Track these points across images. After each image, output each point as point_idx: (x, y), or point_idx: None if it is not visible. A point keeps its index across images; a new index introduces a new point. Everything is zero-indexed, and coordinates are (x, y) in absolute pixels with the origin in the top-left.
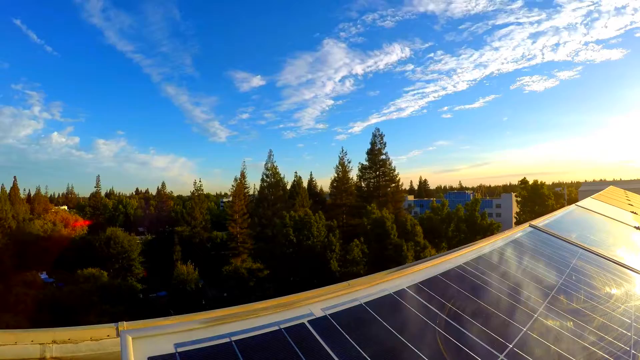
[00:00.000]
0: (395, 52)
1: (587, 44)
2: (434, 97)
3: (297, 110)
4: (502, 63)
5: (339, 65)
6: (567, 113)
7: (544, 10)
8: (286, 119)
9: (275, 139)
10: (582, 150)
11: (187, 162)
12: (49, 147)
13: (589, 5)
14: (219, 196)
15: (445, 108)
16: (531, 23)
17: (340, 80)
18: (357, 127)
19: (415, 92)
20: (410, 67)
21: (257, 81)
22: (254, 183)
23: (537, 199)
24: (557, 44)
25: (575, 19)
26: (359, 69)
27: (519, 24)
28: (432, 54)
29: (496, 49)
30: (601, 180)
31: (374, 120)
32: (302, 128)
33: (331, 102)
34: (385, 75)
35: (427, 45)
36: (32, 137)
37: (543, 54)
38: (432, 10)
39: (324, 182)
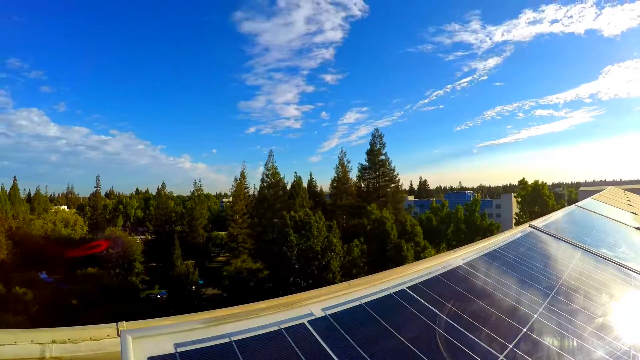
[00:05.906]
0: None
1: None
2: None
3: None
4: None
5: None
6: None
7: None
8: None
9: None
10: (582, 152)
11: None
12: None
13: None
14: (219, 196)
15: None
16: None
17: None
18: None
19: None
20: None
21: None
22: (254, 183)
23: (537, 199)
24: None
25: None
26: None
27: None
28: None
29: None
30: (601, 181)
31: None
32: None
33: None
34: None
35: None
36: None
37: None
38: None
39: (324, 183)
